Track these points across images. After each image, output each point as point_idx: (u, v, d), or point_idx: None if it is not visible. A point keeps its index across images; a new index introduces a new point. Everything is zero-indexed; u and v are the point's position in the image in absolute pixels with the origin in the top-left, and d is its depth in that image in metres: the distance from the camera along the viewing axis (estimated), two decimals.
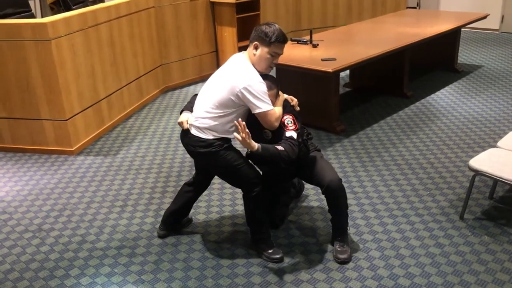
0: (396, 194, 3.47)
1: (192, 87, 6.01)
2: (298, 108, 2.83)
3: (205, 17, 6.09)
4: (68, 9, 5.55)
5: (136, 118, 5.11)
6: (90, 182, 3.83)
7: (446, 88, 5.62)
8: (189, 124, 2.74)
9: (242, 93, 2.57)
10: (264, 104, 2.59)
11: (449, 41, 5.98)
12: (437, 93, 5.47)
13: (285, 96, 2.82)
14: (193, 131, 2.72)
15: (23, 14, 5.22)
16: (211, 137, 2.69)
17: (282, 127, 2.67)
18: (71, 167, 4.08)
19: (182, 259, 2.88)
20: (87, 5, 5.14)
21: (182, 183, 3.73)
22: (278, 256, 2.83)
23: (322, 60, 4.23)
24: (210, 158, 2.74)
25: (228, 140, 2.73)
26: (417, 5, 8.63)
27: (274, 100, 2.68)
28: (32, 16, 5.44)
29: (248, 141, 2.49)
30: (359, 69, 5.44)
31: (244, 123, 2.50)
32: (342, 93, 5.46)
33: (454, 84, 5.73)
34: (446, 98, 5.31)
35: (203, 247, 2.98)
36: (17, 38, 4.00)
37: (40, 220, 3.34)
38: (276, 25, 2.67)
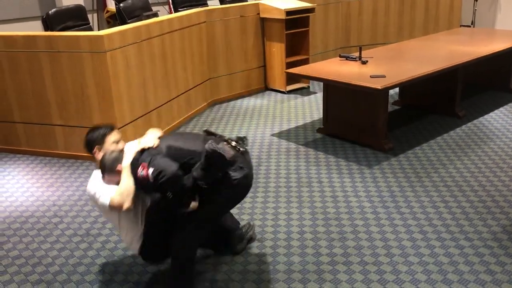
0: (444, 216, 3.36)
1: (239, 101, 6.07)
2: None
3: (254, 32, 6.16)
4: (124, 22, 5.76)
5: (184, 129, 5.20)
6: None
7: (501, 109, 5.41)
8: None
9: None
10: (103, 198, 2.49)
11: (505, 60, 5.77)
12: (491, 113, 5.28)
13: (131, 147, 2.58)
14: None
15: (81, 27, 5.47)
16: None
17: (148, 180, 2.41)
18: None
19: None
20: (142, 19, 5.32)
21: None
22: None
23: (371, 77, 4.18)
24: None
25: None
26: (472, 24, 8.40)
27: (113, 174, 2.51)
28: (90, 29, 5.68)
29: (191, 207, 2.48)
30: (409, 87, 5.34)
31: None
32: (390, 111, 5.35)
33: (509, 105, 5.51)
34: (500, 119, 5.11)
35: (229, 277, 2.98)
36: (75, 49, 4.19)
37: (88, 225, 3.44)
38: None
